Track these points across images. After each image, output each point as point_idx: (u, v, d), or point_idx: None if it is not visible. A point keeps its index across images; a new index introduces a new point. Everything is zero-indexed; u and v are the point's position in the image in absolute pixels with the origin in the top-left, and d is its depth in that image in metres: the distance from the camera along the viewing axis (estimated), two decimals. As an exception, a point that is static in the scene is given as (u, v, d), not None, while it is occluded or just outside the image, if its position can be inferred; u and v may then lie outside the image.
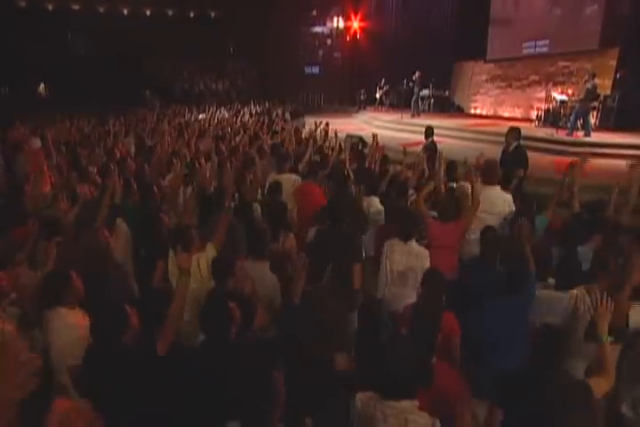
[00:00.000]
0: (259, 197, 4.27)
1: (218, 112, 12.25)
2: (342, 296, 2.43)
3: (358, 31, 16.87)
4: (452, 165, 4.54)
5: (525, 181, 4.54)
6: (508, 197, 3.57)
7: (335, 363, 2.00)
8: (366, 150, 5.86)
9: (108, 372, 1.70)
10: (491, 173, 3.59)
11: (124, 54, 17.61)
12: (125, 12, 18.58)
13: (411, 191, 4.09)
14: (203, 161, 4.87)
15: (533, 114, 12.58)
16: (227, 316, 1.90)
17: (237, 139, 7.31)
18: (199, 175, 3.84)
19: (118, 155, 5.31)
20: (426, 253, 3.03)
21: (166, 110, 12.19)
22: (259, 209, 3.87)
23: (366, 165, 5.01)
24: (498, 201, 3.51)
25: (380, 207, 3.97)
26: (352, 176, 4.34)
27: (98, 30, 17.60)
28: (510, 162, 4.40)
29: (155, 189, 3.79)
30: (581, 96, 8.50)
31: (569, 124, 8.89)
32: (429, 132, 6.02)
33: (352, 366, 2.01)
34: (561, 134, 9.16)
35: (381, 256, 3.12)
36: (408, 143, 8.46)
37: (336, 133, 7.69)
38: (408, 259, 3.04)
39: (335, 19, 17.34)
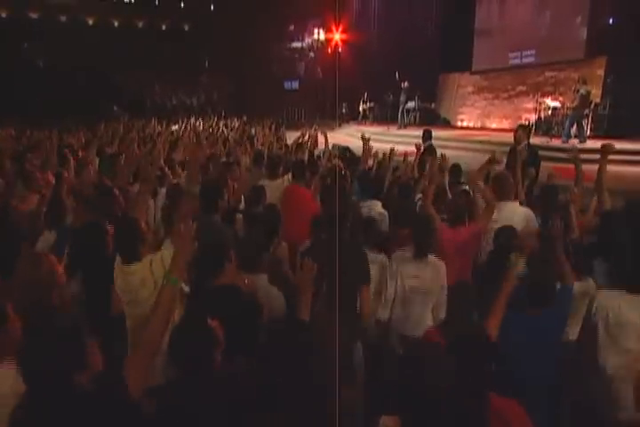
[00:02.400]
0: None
1: (193, 123, 11.95)
2: (345, 323, 2.04)
3: (340, 43, 17.14)
4: (456, 168, 4.31)
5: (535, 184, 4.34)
6: (528, 212, 3.23)
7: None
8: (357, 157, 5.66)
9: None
10: (503, 186, 3.28)
11: (90, 67, 17.20)
12: (91, 22, 18.31)
13: (419, 196, 3.79)
14: (180, 171, 4.62)
15: (522, 125, 12.88)
16: (205, 341, 1.47)
17: (214, 148, 7.02)
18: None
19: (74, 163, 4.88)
20: (443, 266, 2.69)
21: (135, 122, 11.81)
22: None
23: (362, 167, 4.73)
24: (515, 218, 3.14)
25: (383, 211, 3.65)
26: (349, 177, 4.02)
27: (59, 41, 17.04)
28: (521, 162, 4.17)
29: (116, 194, 3.37)
30: (575, 103, 8.62)
31: (563, 132, 8.98)
32: (427, 135, 5.83)
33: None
34: (555, 142, 9.23)
35: (388, 270, 2.75)
36: (403, 152, 8.33)
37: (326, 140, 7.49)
38: (422, 274, 2.67)
39: (316, 30, 17.61)
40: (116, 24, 18.89)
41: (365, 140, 5.27)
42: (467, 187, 4.09)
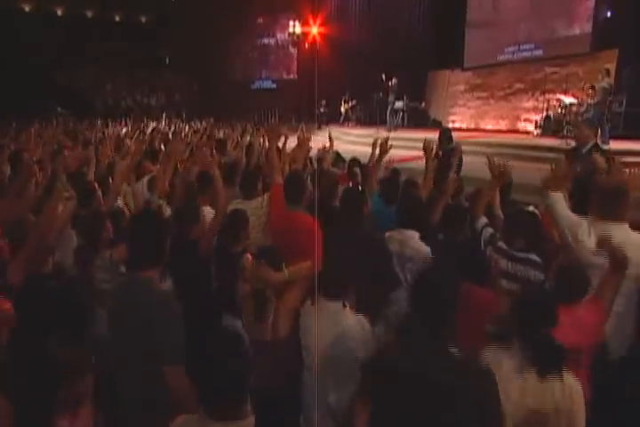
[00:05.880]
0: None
1: (148, 126, 10.63)
2: None
3: (317, 38, 16.23)
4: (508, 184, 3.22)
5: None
6: None
7: None
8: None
9: None
10: (617, 199, 2.19)
11: (24, 61, 15.34)
12: (27, 8, 16.44)
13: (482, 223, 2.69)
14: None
15: (520, 125, 12.22)
16: None
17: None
18: None
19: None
20: (579, 388, 1.57)
21: (78, 124, 10.36)
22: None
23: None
24: (628, 248, 2.06)
25: (425, 249, 2.54)
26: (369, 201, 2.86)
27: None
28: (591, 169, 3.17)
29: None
30: (597, 98, 7.84)
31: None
32: (447, 134, 4.74)
33: None
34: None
35: None
36: (404, 158, 7.43)
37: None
38: (542, 399, 1.55)
39: (291, 23, 16.62)
40: (58, 13, 17.11)
41: (376, 144, 4.19)
42: (531, 207, 3.04)
